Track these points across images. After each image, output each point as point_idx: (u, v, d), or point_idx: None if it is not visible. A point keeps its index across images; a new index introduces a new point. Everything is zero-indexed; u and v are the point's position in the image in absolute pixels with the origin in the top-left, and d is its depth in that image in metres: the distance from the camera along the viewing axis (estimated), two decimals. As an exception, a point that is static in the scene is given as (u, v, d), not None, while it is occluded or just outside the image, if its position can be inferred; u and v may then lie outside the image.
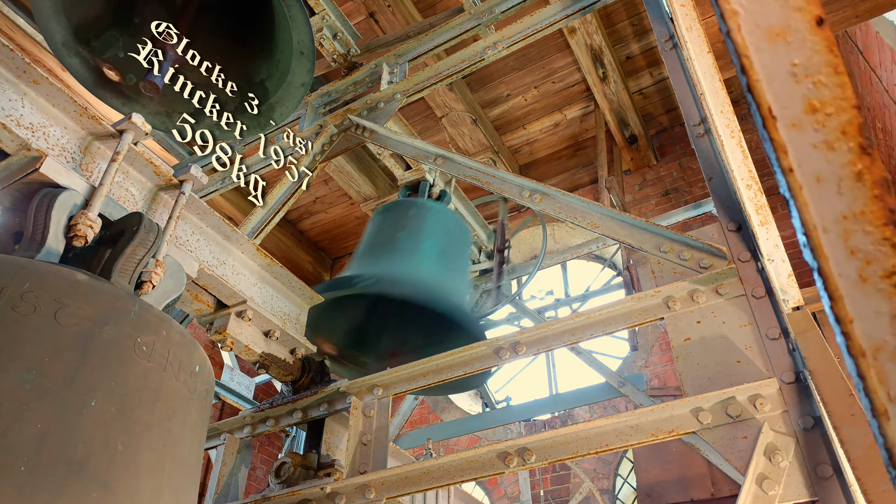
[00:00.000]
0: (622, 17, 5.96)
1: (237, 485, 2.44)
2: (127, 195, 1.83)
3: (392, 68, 3.42)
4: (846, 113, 0.42)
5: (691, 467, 3.85)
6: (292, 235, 8.01)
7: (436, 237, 3.21)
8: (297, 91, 2.76)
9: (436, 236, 3.21)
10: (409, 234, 3.19)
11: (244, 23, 2.86)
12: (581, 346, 4.14)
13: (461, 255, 3.42)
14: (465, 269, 3.46)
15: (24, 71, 1.63)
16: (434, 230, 3.23)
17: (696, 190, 6.42)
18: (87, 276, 1.42)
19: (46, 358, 1.22)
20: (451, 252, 3.26)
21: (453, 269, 3.21)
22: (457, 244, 3.38)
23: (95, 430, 1.21)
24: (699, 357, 1.70)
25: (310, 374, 2.35)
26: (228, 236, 2.14)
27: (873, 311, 0.43)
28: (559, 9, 2.86)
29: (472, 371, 2.06)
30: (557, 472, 5.68)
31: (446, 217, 3.38)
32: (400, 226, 3.27)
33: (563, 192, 2.20)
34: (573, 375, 6.70)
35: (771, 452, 1.45)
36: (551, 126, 6.98)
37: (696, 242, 1.85)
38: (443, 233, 3.27)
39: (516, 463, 1.74)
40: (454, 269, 3.23)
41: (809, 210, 0.42)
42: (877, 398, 0.40)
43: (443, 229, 3.28)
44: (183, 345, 1.49)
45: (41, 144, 1.64)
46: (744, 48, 0.43)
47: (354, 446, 2.11)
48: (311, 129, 3.32)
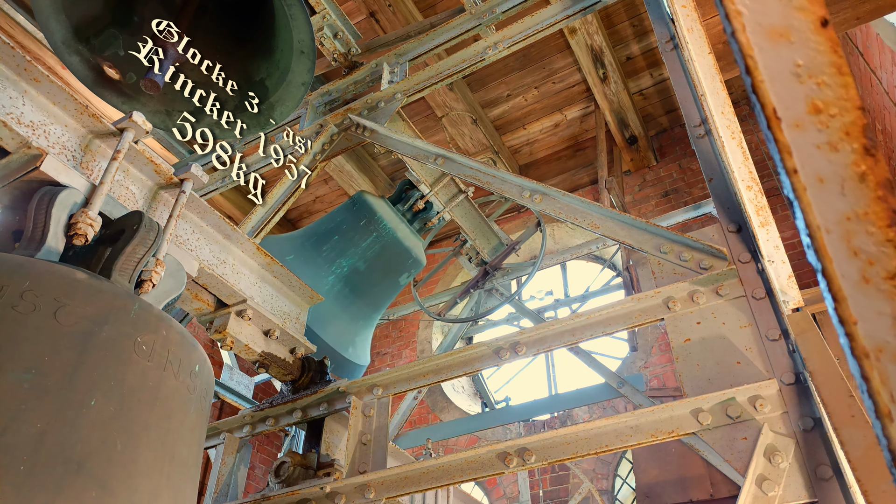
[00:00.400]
0: (623, 18, 5.96)
1: (236, 484, 2.43)
2: (127, 194, 1.83)
3: (392, 68, 3.42)
4: (850, 114, 0.42)
5: (690, 468, 3.85)
6: (292, 235, 8.00)
7: (360, 258, 3.15)
8: (297, 90, 2.75)
9: (361, 258, 3.17)
10: (340, 241, 3.17)
11: (244, 21, 2.85)
12: (581, 346, 4.14)
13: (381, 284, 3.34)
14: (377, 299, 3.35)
15: (24, 69, 1.63)
16: (366, 251, 3.18)
17: (696, 191, 6.42)
18: (87, 274, 1.42)
19: (45, 357, 1.22)
20: (368, 278, 3.20)
21: (360, 294, 3.15)
22: (384, 272, 3.30)
23: (94, 430, 1.20)
24: (699, 358, 1.70)
25: (309, 374, 2.35)
26: (229, 235, 2.14)
27: (876, 312, 0.43)
28: (560, 9, 2.86)
29: (471, 371, 2.06)
30: (556, 473, 5.68)
31: (389, 242, 3.32)
32: (342, 229, 3.25)
33: (563, 193, 2.20)
34: (573, 376, 6.70)
35: (771, 453, 1.45)
36: (551, 126, 6.98)
37: (697, 243, 1.85)
38: (373, 257, 3.22)
39: (516, 463, 1.74)
40: (361, 294, 3.16)
41: (813, 211, 0.42)
42: (880, 400, 0.40)
43: (375, 254, 3.22)
44: (183, 344, 1.49)
45: (41, 142, 1.64)
46: (748, 48, 0.43)
47: (354, 446, 2.11)
48: (311, 129, 3.32)
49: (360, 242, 3.23)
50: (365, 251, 3.21)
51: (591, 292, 6.73)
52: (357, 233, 3.27)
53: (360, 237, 3.26)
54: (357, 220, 3.32)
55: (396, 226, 3.40)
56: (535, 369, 6.70)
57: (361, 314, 3.24)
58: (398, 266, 3.38)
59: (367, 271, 3.22)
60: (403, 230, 3.43)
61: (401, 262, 3.39)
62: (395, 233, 3.37)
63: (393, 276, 3.37)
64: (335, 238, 3.20)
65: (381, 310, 3.46)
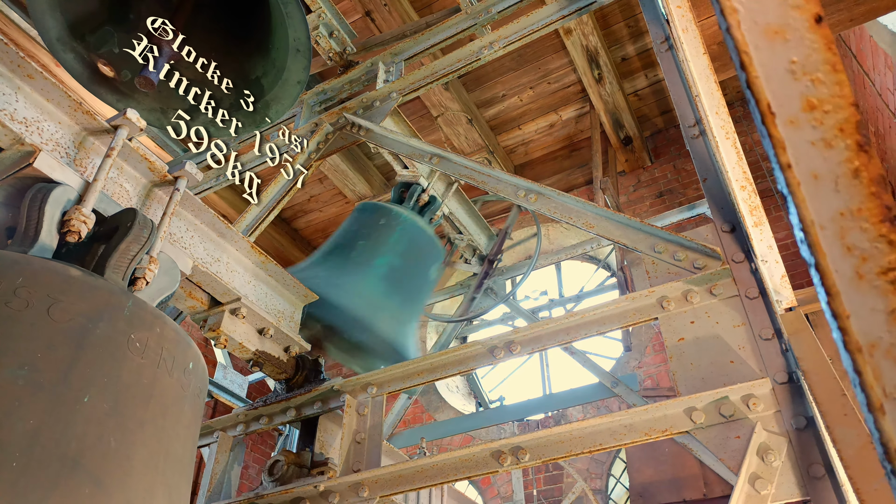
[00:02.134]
0: (618, 19, 5.97)
1: (230, 483, 2.43)
2: (121, 191, 1.83)
3: (388, 67, 3.42)
4: (844, 111, 0.42)
5: (684, 468, 3.86)
6: (287, 234, 7.99)
7: (394, 254, 3.15)
8: (292, 89, 2.75)
9: (394, 254, 3.15)
10: (368, 244, 3.15)
11: (240, 20, 2.85)
12: (575, 346, 4.15)
13: (418, 276, 3.33)
14: (418, 292, 3.34)
15: (18, 65, 1.62)
16: (395, 247, 3.17)
17: (690, 192, 6.44)
18: (81, 271, 1.42)
19: (39, 354, 1.22)
20: (406, 272, 3.17)
21: (401, 290, 3.13)
22: (417, 264, 3.29)
23: (89, 427, 1.20)
24: (693, 357, 1.71)
25: (304, 373, 2.34)
26: (223, 233, 2.14)
27: (869, 308, 0.43)
28: (555, 9, 2.86)
29: (466, 369, 2.06)
30: (550, 472, 5.69)
31: (415, 234, 3.31)
32: (364, 233, 3.24)
33: (558, 192, 2.20)
34: (567, 376, 6.71)
35: (764, 452, 1.45)
36: (546, 127, 6.99)
37: (691, 243, 1.86)
38: (404, 251, 3.20)
39: (510, 462, 1.74)
40: (402, 290, 3.14)
41: (807, 207, 0.43)
42: (873, 394, 0.40)
43: (405, 247, 3.21)
44: (177, 341, 1.48)
45: (35, 139, 1.63)
46: (743, 44, 0.43)
47: (348, 444, 2.10)
48: (306, 127, 3.32)
49: (387, 239, 3.22)
50: (395, 246, 3.20)
51: (585, 292, 6.74)
52: (381, 232, 3.26)
53: (386, 235, 3.25)
54: (375, 221, 3.31)
55: (414, 217, 3.41)
56: (530, 369, 6.71)
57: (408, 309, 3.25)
58: (428, 255, 3.39)
59: (403, 265, 3.21)
60: (422, 221, 3.44)
61: (430, 251, 3.39)
62: (416, 223, 3.37)
63: (425, 266, 3.37)
64: (361, 243, 3.18)
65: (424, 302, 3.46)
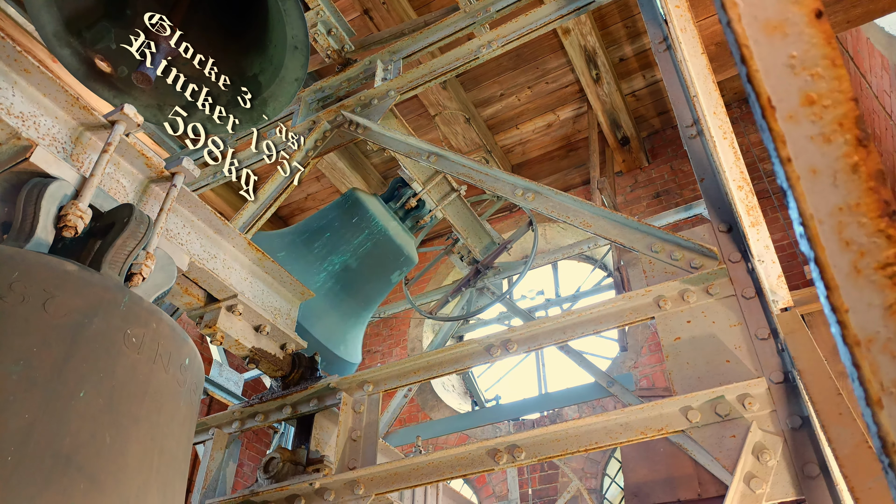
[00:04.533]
0: (616, 20, 5.98)
1: (225, 480, 2.42)
2: (118, 186, 1.82)
3: (386, 65, 3.41)
4: (843, 105, 0.42)
5: (679, 468, 3.86)
6: (283, 232, 7.98)
7: (353, 256, 3.14)
8: (290, 86, 2.74)
9: (353, 256, 3.14)
10: (332, 239, 3.15)
11: (238, 16, 2.84)
12: (571, 345, 4.15)
13: (373, 281, 3.32)
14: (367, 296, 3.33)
15: (14, 59, 1.61)
16: (357, 249, 3.17)
17: (687, 192, 6.46)
18: (77, 266, 1.41)
19: (34, 349, 1.21)
20: (360, 275, 3.17)
21: (351, 291, 3.14)
22: (375, 270, 3.28)
23: (83, 423, 1.20)
24: (689, 356, 1.71)
25: (300, 370, 2.34)
26: (220, 230, 2.13)
27: (866, 303, 0.43)
28: (554, 9, 2.86)
29: (462, 368, 2.06)
30: (545, 472, 5.70)
31: (382, 240, 3.30)
32: (335, 227, 3.24)
33: (555, 191, 2.20)
34: (563, 375, 6.71)
35: (759, 451, 1.46)
36: (544, 126, 7.00)
37: (688, 243, 1.86)
38: (365, 254, 3.19)
39: (506, 460, 1.74)
40: (353, 291, 3.15)
41: (806, 201, 0.43)
42: (870, 387, 0.40)
43: (367, 251, 3.20)
44: (173, 337, 1.48)
45: (31, 134, 1.62)
46: (743, 38, 0.43)
47: (344, 442, 2.10)
48: (303, 125, 3.31)
49: (351, 240, 3.23)
50: (357, 248, 3.20)
51: (581, 292, 6.75)
52: (349, 230, 3.26)
53: (351, 235, 3.25)
54: (349, 217, 3.31)
55: (388, 223, 3.39)
56: (526, 368, 6.72)
57: (353, 312, 3.24)
58: (390, 264, 3.38)
59: (359, 269, 3.21)
60: (395, 228, 3.42)
61: (393, 260, 3.38)
62: (387, 230, 3.36)
63: (385, 273, 3.36)
64: (327, 235, 3.19)
65: (373, 307, 3.45)
